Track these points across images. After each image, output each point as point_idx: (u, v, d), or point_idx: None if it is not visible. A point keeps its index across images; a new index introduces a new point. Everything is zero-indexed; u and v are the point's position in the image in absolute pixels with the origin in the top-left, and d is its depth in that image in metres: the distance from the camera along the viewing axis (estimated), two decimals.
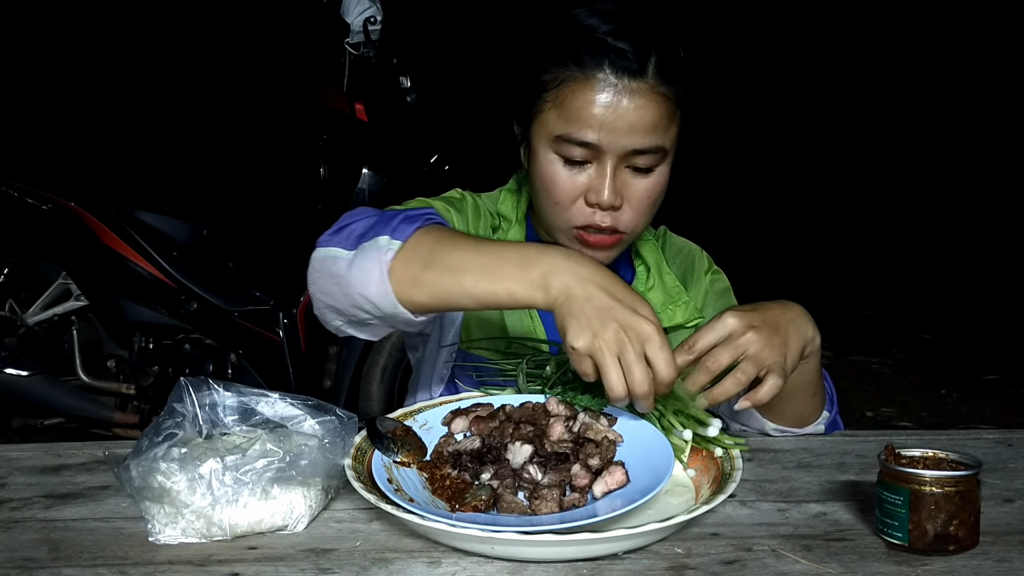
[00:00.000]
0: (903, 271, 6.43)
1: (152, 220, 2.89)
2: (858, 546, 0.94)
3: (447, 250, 1.02)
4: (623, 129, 1.13)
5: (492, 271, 0.99)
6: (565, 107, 1.15)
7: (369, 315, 1.08)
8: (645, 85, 1.14)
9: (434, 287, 1.01)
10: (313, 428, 1.06)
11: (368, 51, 2.90)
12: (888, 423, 3.81)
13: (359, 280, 1.04)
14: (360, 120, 2.94)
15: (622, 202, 1.18)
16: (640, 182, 1.18)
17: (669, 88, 1.15)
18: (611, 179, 1.15)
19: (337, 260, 1.07)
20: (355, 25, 2.89)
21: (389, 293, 1.03)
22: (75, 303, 2.90)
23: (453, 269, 1.01)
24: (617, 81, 1.13)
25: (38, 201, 2.79)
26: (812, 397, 1.18)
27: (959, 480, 0.91)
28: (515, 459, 1.03)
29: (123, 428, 2.85)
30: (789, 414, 1.20)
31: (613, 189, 1.16)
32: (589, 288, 0.94)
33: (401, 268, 1.02)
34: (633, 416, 1.12)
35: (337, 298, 1.10)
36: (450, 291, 1.01)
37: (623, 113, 1.13)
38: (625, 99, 1.13)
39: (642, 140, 1.14)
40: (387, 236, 1.04)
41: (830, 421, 1.24)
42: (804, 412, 1.20)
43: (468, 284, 1.00)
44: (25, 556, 0.94)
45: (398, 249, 1.03)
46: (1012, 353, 4.67)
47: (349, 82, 2.95)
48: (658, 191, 1.20)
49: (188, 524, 0.96)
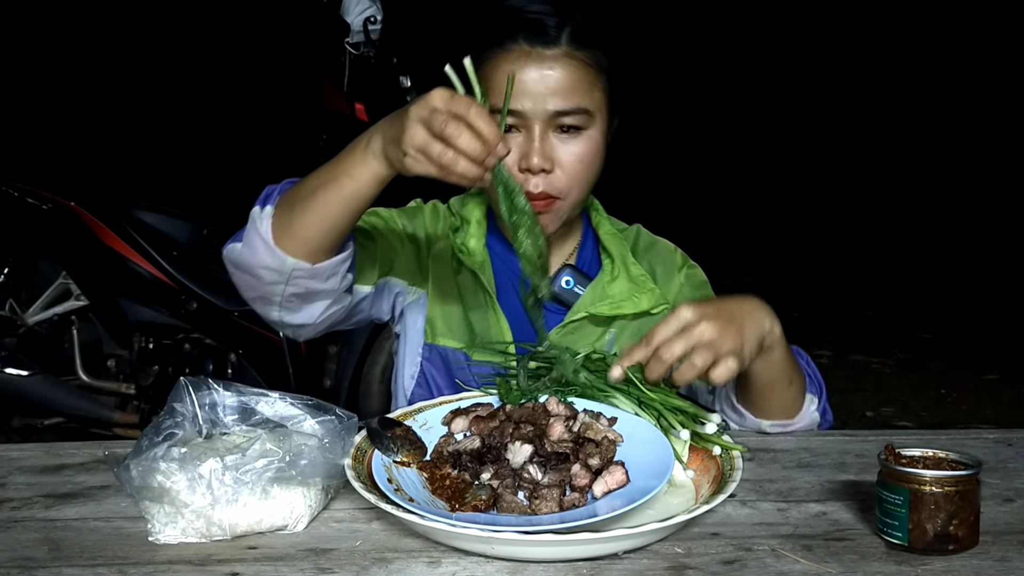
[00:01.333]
0: (903, 271, 6.43)
1: (152, 220, 2.89)
2: (858, 546, 0.94)
3: (302, 186, 1.11)
4: (542, 93, 1.19)
5: (333, 172, 1.08)
6: (490, 82, 1.20)
7: (279, 285, 1.15)
8: (560, 51, 1.21)
9: (301, 219, 1.10)
10: (313, 428, 1.06)
11: (368, 51, 2.90)
12: (888, 423, 3.81)
13: (252, 257, 1.14)
14: (360, 120, 2.94)
15: (552, 166, 1.23)
16: (568, 146, 1.23)
17: (586, 53, 1.22)
18: (539, 143, 1.21)
19: (234, 251, 1.17)
20: (355, 25, 2.89)
21: (275, 250, 1.11)
22: (75, 303, 2.90)
23: (308, 194, 1.09)
24: (531, 49, 1.21)
25: (38, 201, 2.78)
26: (789, 386, 1.19)
27: (959, 480, 0.91)
28: (515, 459, 1.03)
29: (123, 428, 2.85)
30: (773, 406, 1.21)
31: (541, 152, 1.21)
32: (403, 120, 0.98)
33: (276, 225, 1.12)
34: (633, 416, 1.12)
35: (252, 285, 1.18)
36: (313, 212, 1.09)
37: (541, 78, 1.19)
38: (542, 65, 1.20)
39: (562, 102, 1.20)
40: (257, 207, 1.14)
41: (821, 407, 1.24)
42: (787, 402, 1.21)
43: (320, 196, 1.08)
44: (25, 556, 0.94)
45: (271, 213, 1.12)
46: (1012, 353, 4.67)
47: (349, 82, 2.95)
48: (589, 155, 1.24)
49: (188, 524, 0.96)
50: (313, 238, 1.12)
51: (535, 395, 1.17)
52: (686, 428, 1.09)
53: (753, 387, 1.19)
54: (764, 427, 1.23)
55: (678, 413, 1.11)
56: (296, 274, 1.13)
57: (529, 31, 1.21)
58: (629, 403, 1.15)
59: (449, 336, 1.38)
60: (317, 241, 1.12)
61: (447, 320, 1.38)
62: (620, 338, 1.36)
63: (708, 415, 1.09)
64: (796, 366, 1.20)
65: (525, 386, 1.18)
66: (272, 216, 1.12)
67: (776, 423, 1.22)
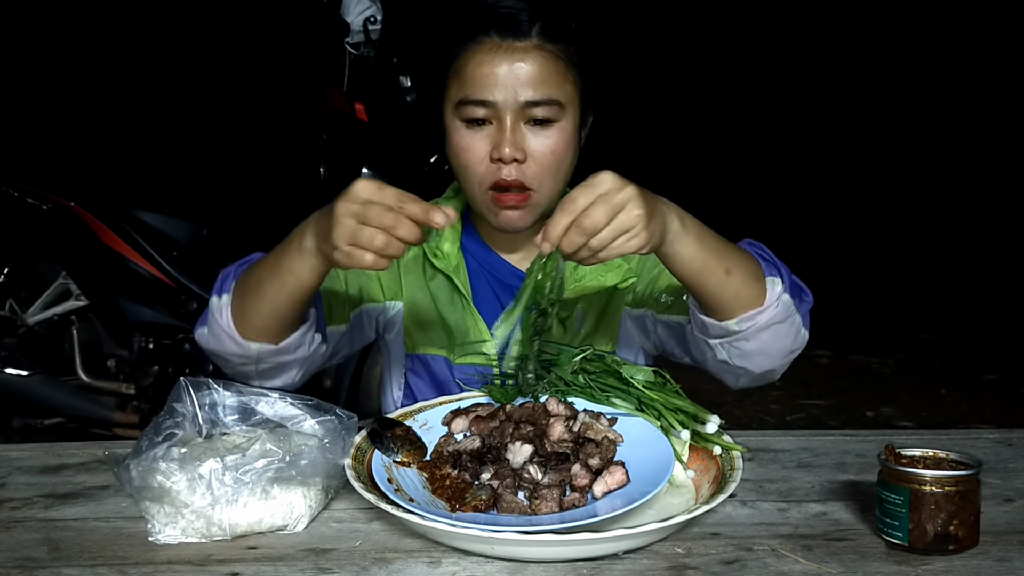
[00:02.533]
0: (903, 271, 6.43)
1: (152, 220, 2.88)
2: (858, 546, 0.94)
3: (249, 275, 1.14)
4: (513, 84, 1.22)
5: (275, 267, 1.09)
6: (462, 75, 1.24)
7: (250, 365, 1.18)
8: (531, 43, 1.23)
9: (254, 309, 1.13)
10: (313, 428, 1.06)
11: (368, 51, 2.90)
12: (888, 423, 3.81)
13: (219, 345, 1.17)
14: (360, 120, 2.94)
15: (525, 156, 1.23)
16: (540, 137, 1.24)
17: (557, 46, 1.24)
18: (510, 133, 1.22)
19: (202, 337, 1.21)
20: (355, 25, 2.88)
21: (239, 340, 1.14)
22: (75, 303, 2.89)
23: (256, 287, 1.12)
24: (502, 42, 1.22)
25: (38, 201, 2.78)
26: (727, 275, 1.08)
27: (959, 480, 0.91)
28: (515, 459, 1.03)
29: (123, 428, 2.85)
30: (724, 300, 1.10)
31: (512, 142, 1.22)
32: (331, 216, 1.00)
33: (235, 314, 1.14)
34: (633, 416, 1.12)
35: (225, 366, 1.22)
36: (264, 304, 1.12)
37: (512, 69, 1.22)
38: (513, 57, 1.22)
39: (533, 93, 1.22)
40: (215, 297, 1.17)
41: (788, 286, 1.13)
42: (736, 291, 1.10)
43: (268, 289, 1.10)
44: (25, 556, 0.94)
45: (228, 303, 1.15)
46: (1012, 353, 4.67)
47: (349, 82, 2.94)
48: (561, 147, 1.25)
49: (188, 524, 0.96)
50: (269, 325, 1.14)
51: (535, 394, 1.17)
52: (686, 428, 1.09)
53: (687, 282, 1.11)
54: (732, 327, 1.11)
55: (678, 413, 1.11)
56: (263, 355, 1.17)
57: (501, 24, 1.23)
58: (629, 403, 1.15)
59: (428, 344, 1.39)
60: (275, 326, 1.14)
61: (424, 328, 1.39)
62: (588, 314, 1.36)
63: (708, 415, 1.09)
64: (730, 253, 1.10)
65: (527, 388, 1.18)
66: (230, 305, 1.15)
67: (743, 318, 1.11)
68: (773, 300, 1.10)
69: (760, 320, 1.10)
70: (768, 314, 1.10)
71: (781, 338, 1.14)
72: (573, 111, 1.26)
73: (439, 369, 1.38)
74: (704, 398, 1.17)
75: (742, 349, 1.14)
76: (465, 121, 1.25)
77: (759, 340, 1.12)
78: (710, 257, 1.07)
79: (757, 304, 1.10)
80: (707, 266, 1.07)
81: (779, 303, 1.11)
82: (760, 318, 1.10)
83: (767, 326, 1.11)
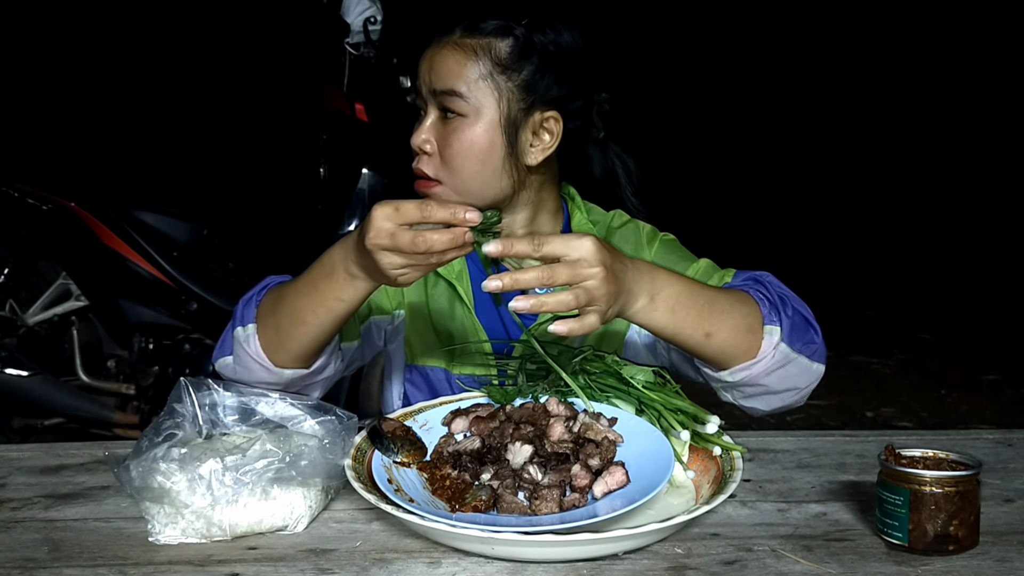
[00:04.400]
0: (903, 271, 6.43)
1: (152, 220, 2.88)
2: (858, 546, 0.94)
3: (280, 304, 1.15)
4: (428, 71, 1.29)
5: (315, 295, 1.10)
6: None
7: (279, 387, 1.19)
8: (452, 39, 1.28)
9: (294, 338, 1.14)
10: (313, 428, 1.06)
11: (368, 51, 2.90)
12: (888, 423, 3.81)
13: (248, 375, 1.19)
14: (360, 120, 2.94)
15: (433, 148, 1.28)
16: (447, 130, 1.27)
17: (475, 40, 1.26)
18: (424, 123, 1.29)
19: (227, 368, 1.22)
20: (355, 25, 2.88)
21: (273, 369, 1.17)
22: (75, 303, 2.89)
23: (293, 315, 1.13)
24: (436, 39, 1.29)
25: (38, 201, 2.78)
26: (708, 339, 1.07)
27: (959, 480, 0.91)
28: (515, 459, 1.03)
29: (123, 428, 2.85)
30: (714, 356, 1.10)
31: (419, 131, 1.29)
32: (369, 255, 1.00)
33: (264, 343, 1.16)
34: (633, 416, 1.12)
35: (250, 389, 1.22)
36: (306, 332, 1.13)
37: (431, 59, 1.28)
38: (437, 50, 1.28)
39: (439, 82, 1.26)
40: (239, 327, 1.19)
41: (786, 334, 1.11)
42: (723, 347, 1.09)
43: (310, 318, 1.11)
44: (25, 556, 0.94)
45: (253, 331, 1.17)
46: (1012, 353, 4.67)
47: (349, 82, 2.94)
48: (464, 144, 1.26)
49: (188, 524, 0.96)
50: (307, 351, 1.16)
51: (535, 394, 1.17)
52: (686, 428, 1.09)
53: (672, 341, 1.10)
54: (726, 378, 1.12)
55: (678, 413, 1.11)
56: (295, 380, 1.19)
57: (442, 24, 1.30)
58: (629, 403, 1.15)
59: (428, 355, 1.38)
60: (312, 351, 1.17)
61: (424, 338, 1.38)
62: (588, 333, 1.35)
63: (708, 415, 1.09)
64: (716, 314, 1.08)
65: (525, 388, 1.18)
66: (257, 334, 1.17)
67: (735, 370, 1.11)
68: (768, 351, 1.10)
69: (755, 371, 1.11)
70: (763, 365, 1.10)
71: (787, 379, 1.14)
72: (492, 110, 1.25)
73: (438, 381, 1.37)
74: (704, 398, 1.17)
75: (745, 392, 1.16)
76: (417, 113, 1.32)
77: (762, 385, 1.13)
78: (686, 325, 1.07)
79: (748, 357, 1.10)
80: (681, 334, 1.08)
81: (775, 352, 1.10)
82: (755, 369, 1.11)
83: (766, 373, 1.11)
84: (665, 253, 1.36)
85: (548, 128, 1.28)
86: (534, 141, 1.28)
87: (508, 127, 1.26)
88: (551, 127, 1.28)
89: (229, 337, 1.22)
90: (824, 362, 1.16)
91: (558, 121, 1.28)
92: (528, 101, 1.26)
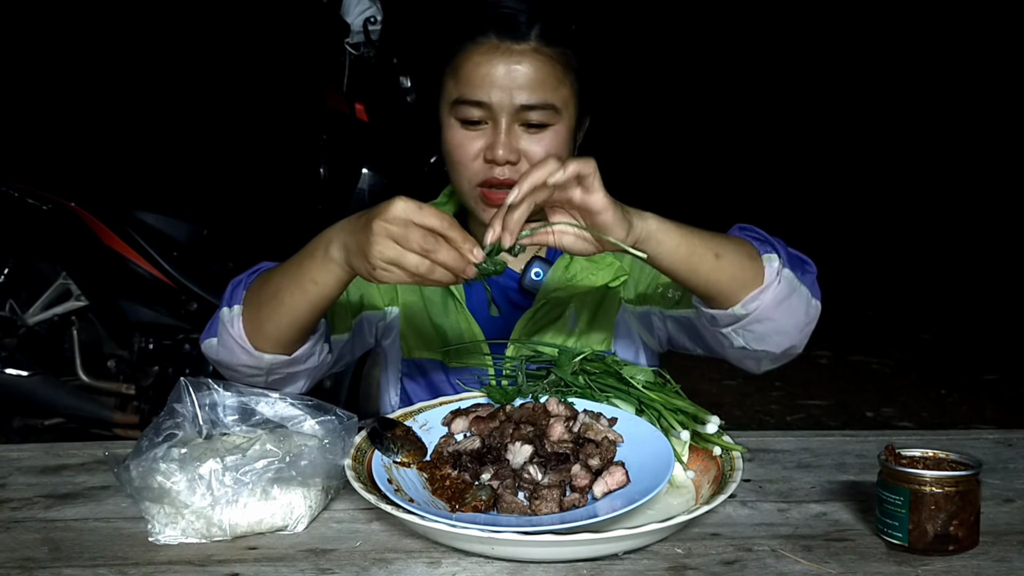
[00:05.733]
0: (903, 271, 6.43)
1: (152, 220, 2.89)
2: (858, 546, 0.94)
3: (264, 285, 1.15)
4: (510, 86, 1.21)
5: (295, 275, 1.09)
6: (459, 74, 1.24)
7: (260, 376, 1.20)
8: (528, 46, 1.22)
9: (271, 320, 1.13)
10: (313, 428, 1.06)
11: (368, 51, 2.90)
12: (888, 423, 3.81)
13: (230, 357, 1.19)
14: (360, 120, 2.94)
15: (519, 158, 1.23)
16: (535, 140, 1.24)
17: (554, 50, 1.23)
18: (505, 135, 1.22)
19: (211, 348, 1.22)
20: (355, 25, 2.88)
21: (251, 351, 1.16)
22: (75, 303, 2.89)
23: (272, 296, 1.12)
24: (500, 43, 1.22)
25: (38, 201, 2.78)
26: (717, 259, 1.07)
27: (959, 480, 0.91)
28: (515, 459, 1.03)
29: (123, 428, 2.85)
30: (722, 287, 1.10)
31: (507, 145, 1.22)
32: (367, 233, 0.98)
33: (248, 325, 1.15)
34: (633, 416, 1.12)
35: (234, 377, 1.22)
36: (282, 314, 1.12)
37: (509, 71, 1.22)
38: (511, 59, 1.22)
39: (529, 96, 1.22)
40: (225, 308, 1.18)
41: (786, 259, 1.12)
42: (730, 275, 1.09)
43: (287, 299, 1.11)
44: (25, 556, 0.94)
45: (240, 313, 1.16)
46: (1012, 353, 4.67)
47: (349, 82, 2.94)
48: (555, 150, 1.25)
49: (188, 524, 0.96)
50: (285, 335, 1.15)
51: (535, 394, 1.17)
52: (686, 428, 1.09)
53: (679, 276, 1.09)
54: (739, 311, 1.10)
55: (678, 413, 1.11)
56: (275, 366, 1.18)
57: (499, 25, 1.23)
58: (629, 403, 1.15)
59: (423, 348, 1.39)
60: (290, 337, 1.16)
61: (419, 332, 1.39)
62: (580, 315, 1.36)
63: (708, 415, 1.09)
64: (717, 240, 1.09)
65: (526, 388, 1.18)
66: (241, 316, 1.16)
67: (747, 300, 1.10)
68: (773, 276, 1.09)
69: (765, 299, 1.10)
70: (772, 291, 1.10)
71: (793, 312, 1.13)
72: (568, 114, 1.26)
73: (434, 374, 1.39)
74: (704, 398, 1.17)
75: (756, 332, 1.13)
76: (461, 120, 1.25)
77: (771, 319, 1.11)
78: (696, 245, 1.07)
79: (757, 284, 1.09)
80: (695, 253, 1.06)
81: (780, 278, 1.10)
82: (764, 297, 1.10)
83: (775, 304, 1.10)
84: None
85: (582, 131, 1.32)
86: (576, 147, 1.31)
87: (575, 131, 1.29)
88: (583, 129, 1.32)
89: (216, 319, 1.22)
90: (820, 299, 1.16)
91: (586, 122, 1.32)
92: (581, 108, 1.29)
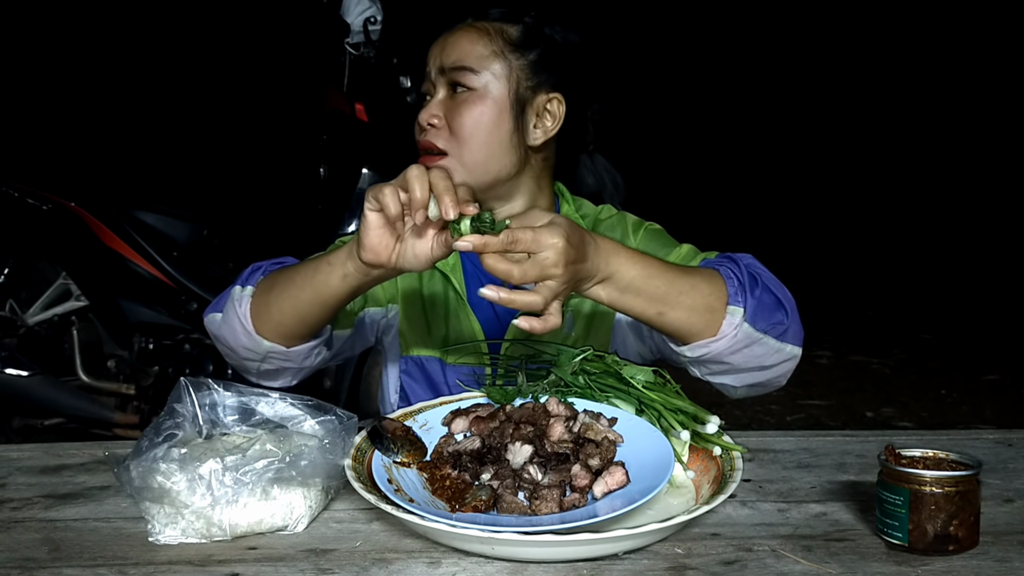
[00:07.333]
0: (903, 271, 6.43)
1: (152, 220, 2.89)
2: (858, 546, 0.94)
3: (279, 276, 1.17)
4: (439, 53, 1.32)
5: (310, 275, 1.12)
6: None
7: (255, 361, 1.22)
8: (469, 24, 1.34)
9: (278, 305, 1.16)
10: (313, 428, 1.06)
11: (368, 51, 2.90)
12: (888, 423, 3.81)
13: (230, 334, 1.20)
14: (360, 120, 2.94)
15: (442, 122, 1.30)
16: (457, 103, 1.30)
17: (487, 23, 1.32)
18: (434, 99, 1.32)
19: (213, 323, 1.24)
20: (355, 25, 2.88)
21: (252, 334, 1.18)
22: (75, 303, 2.90)
23: (285, 287, 1.15)
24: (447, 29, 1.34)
25: (38, 201, 2.79)
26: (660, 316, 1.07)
27: (959, 480, 0.91)
28: (515, 459, 1.03)
29: (123, 428, 2.85)
30: (667, 332, 1.11)
31: (429, 107, 1.31)
32: None
33: (255, 307, 1.18)
34: (633, 416, 1.12)
35: (229, 356, 1.25)
36: (287, 305, 1.15)
37: (443, 42, 1.33)
38: (449, 34, 1.34)
39: (451, 59, 1.30)
40: (238, 286, 1.20)
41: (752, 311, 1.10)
42: (676, 328, 1.09)
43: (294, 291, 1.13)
44: (25, 556, 0.94)
45: (251, 294, 1.18)
46: (1012, 353, 4.68)
47: (349, 82, 2.95)
48: (474, 115, 1.29)
49: (188, 524, 0.96)
50: (288, 325, 1.17)
51: (535, 394, 1.17)
52: (686, 428, 1.09)
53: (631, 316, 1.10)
54: (686, 353, 1.12)
55: (678, 413, 1.11)
56: (271, 354, 1.20)
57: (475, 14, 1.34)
58: (629, 403, 1.15)
59: (422, 345, 1.40)
60: (292, 329, 1.18)
61: (419, 329, 1.40)
62: (578, 317, 1.36)
63: (708, 415, 1.09)
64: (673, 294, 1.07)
65: (526, 388, 1.18)
66: (252, 297, 1.18)
67: (695, 346, 1.10)
68: (729, 330, 1.09)
69: (715, 348, 1.10)
70: (724, 343, 1.10)
71: (753, 358, 1.13)
72: (499, 88, 1.30)
73: (433, 371, 1.39)
74: (704, 398, 1.17)
75: (711, 369, 1.15)
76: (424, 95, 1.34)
77: (726, 363, 1.12)
78: (635, 305, 1.07)
79: (708, 335, 1.10)
80: (631, 312, 1.08)
81: (738, 332, 1.09)
82: (714, 347, 1.10)
83: (729, 352, 1.11)
84: (649, 241, 1.38)
85: (551, 111, 1.33)
86: (537, 122, 1.33)
87: (515, 104, 1.31)
88: (554, 110, 1.33)
89: (227, 295, 1.23)
90: (799, 344, 1.15)
91: (561, 103, 1.33)
92: (535, 81, 1.31)
